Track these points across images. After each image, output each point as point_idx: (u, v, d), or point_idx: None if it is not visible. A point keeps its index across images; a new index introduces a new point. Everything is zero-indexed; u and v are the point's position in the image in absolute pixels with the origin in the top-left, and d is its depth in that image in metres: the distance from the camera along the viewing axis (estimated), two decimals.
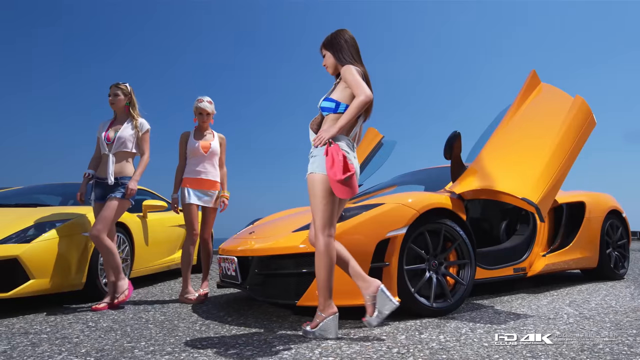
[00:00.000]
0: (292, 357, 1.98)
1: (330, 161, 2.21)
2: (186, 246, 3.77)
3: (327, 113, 2.43)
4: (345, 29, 2.56)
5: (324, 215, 2.29)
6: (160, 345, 2.22)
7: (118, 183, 3.45)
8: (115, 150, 3.47)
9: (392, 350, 2.06)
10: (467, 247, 3.06)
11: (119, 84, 3.61)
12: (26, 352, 2.12)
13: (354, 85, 2.32)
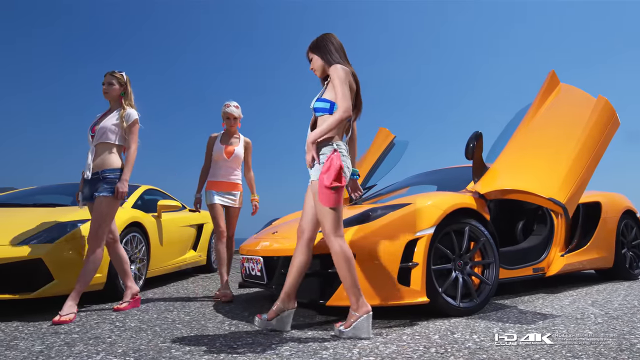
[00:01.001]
0: (332, 357, 1.98)
1: (327, 166, 2.29)
2: (216, 245, 3.86)
3: (321, 113, 2.43)
4: (332, 33, 2.60)
5: (333, 218, 2.32)
6: (195, 345, 2.22)
7: (100, 178, 3.12)
8: (96, 141, 3.16)
9: (430, 350, 2.07)
10: (491, 247, 3.06)
11: (114, 73, 3.31)
12: (63, 351, 2.11)
13: (338, 95, 2.35)
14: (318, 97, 2.48)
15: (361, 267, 2.62)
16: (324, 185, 2.27)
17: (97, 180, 3.13)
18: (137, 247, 4.16)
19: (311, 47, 2.57)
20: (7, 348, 2.19)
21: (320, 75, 2.59)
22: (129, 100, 3.33)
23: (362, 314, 2.30)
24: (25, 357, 2.02)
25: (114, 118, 3.22)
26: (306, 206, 2.54)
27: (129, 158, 3.23)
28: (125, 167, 3.20)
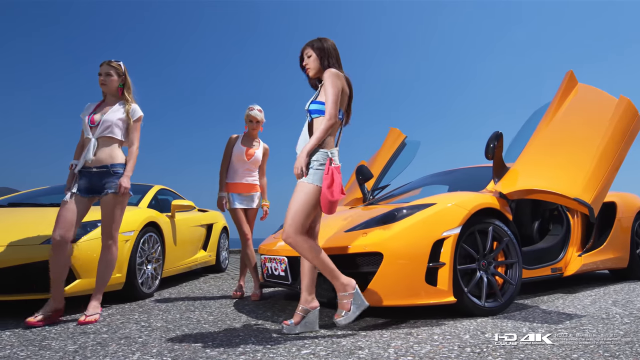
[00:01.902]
0: (369, 356, 1.98)
1: (330, 180, 2.30)
2: (243, 250, 3.97)
3: (317, 115, 2.44)
4: (329, 38, 2.61)
5: (305, 221, 2.35)
6: (228, 345, 2.21)
7: (110, 172, 2.99)
8: (99, 134, 2.98)
9: (465, 349, 2.07)
10: (514, 247, 3.07)
11: (111, 62, 3.09)
12: (98, 351, 2.11)
13: (329, 101, 2.36)
14: (313, 99, 2.49)
15: (388, 266, 2.62)
16: (329, 199, 2.29)
17: (106, 174, 2.98)
18: (154, 247, 4.16)
19: (314, 45, 2.54)
20: (40, 348, 2.19)
21: (313, 75, 2.57)
22: (130, 93, 3.17)
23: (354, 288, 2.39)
24: (62, 357, 2.02)
25: (120, 112, 3.07)
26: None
27: (133, 155, 3.11)
28: (128, 163, 3.09)
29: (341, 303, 2.37)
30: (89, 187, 2.96)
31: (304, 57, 2.59)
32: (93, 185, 2.97)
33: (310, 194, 2.33)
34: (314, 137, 2.34)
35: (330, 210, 2.33)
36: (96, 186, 2.97)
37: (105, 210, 2.99)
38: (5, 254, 2.94)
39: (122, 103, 3.11)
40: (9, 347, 2.20)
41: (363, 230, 2.81)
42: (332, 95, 2.37)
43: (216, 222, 6.58)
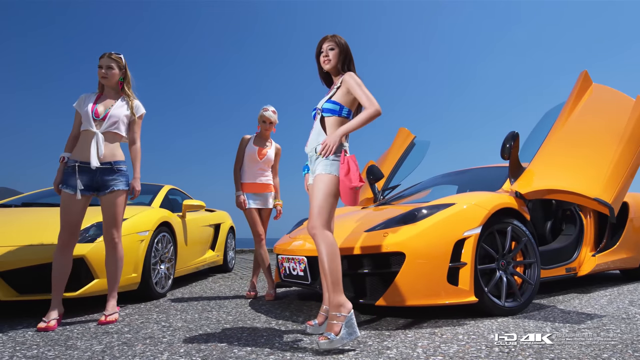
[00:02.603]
0: (399, 356, 1.98)
1: (346, 169, 2.28)
2: (257, 250, 3.97)
3: (329, 115, 2.42)
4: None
5: (331, 213, 2.31)
6: (254, 345, 2.21)
7: (113, 169, 2.90)
8: (105, 129, 2.87)
9: (494, 349, 2.07)
10: (532, 247, 3.08)
11: (112, 55, 2.98)
12: (125, 351, 2.10)
13: (364, 96, 2.35)
14: (327, 98, 2.46)
15: (411, 266, 2.62)
16: (349, 186, 2.27)
17: (109, 172, 2.88)
18: (166, 246, 4.15)
19: (336, 40, 2.52)
20: (67, 348, 2.18)
21: (330, 68, 2.53)
22: (130, 87, 3.07)
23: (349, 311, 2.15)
24: (90, 357, 2.01)
25: (124, 108, 2.98)
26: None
27: (138, 154, 3.04)
28: (135, 163, 3.02)
29: (330, 324, 2.11)
30: (89, 184, 2.85)
31: (323, 49, 2.57)
32: (94, 182, 2.86)
33: (329, 184, 2.30)
34: (354, 122, 2.31)
35: (353, 200, 2.29)
36: (97, 183, 2.87)
37: (108, 208, 2.89)
38: (22, 253, 2.93)
39: (124, 98, 3.02)
40: (35, 347, 2.19)
41: (383, 230, 2.81)
42: (363, 91, 2.36)
43: (223, 222, 6.58)
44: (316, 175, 2.36)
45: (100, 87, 3.06)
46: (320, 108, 2.47)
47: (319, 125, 2.46)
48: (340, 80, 2.47)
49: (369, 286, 2.77)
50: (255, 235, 3.95)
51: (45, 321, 2.63)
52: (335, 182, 2.31)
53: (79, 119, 2.94)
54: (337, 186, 2.32)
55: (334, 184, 2.31)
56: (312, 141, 2.48)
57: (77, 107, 2.95)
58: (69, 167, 2.84)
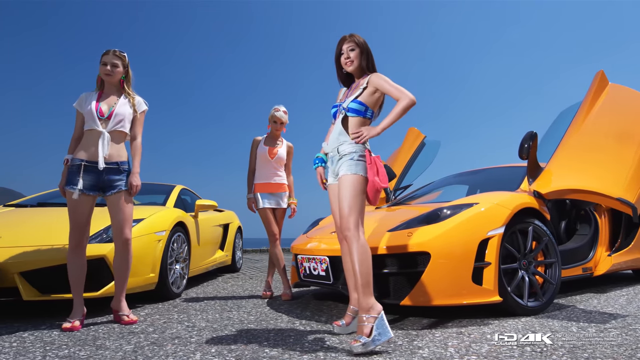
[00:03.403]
0: (433, 355, 1.98)
1: (375, 169, 2.30)
2: (272, 250, 3.96)
3: (354, 115, 2.41)
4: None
5: (361, 213, 2.30)
6: (284, 345, 2.21)
7: (120, 170, 2.85)
8: (111, 128, 2.82)
9: (525, 348, 2.07)
10: (553, 247, 3.09)
11: (116, 52, 2.91)
12: (157, 351, 2.10)
13: (395, 90, 2.36)
14: (353, 98, 2.43)
15: (436, 266, 2.62)
16: (378, 187, 2.29)
17: (115, 172, 2.83)
18: (181, 246, 4.15)
19: (357, 42, 2.50)
20: (98, 348, 2.17)
21: (353, 69, 2.52)
22: (130, 86, 3.01)
23: (379, 313, 2.14)
24: (123, 357, 2.01)
25: (127, 105, 2.92)
26: (337, 207, 2.51)
27: (138, 149, 2.96)
28: (135, 159, 2.93)
29: (360, 326, 2.10)
30: (94, 184, 2.79)
31: (343, 51, 2.56)
32: (99, 182, 2.80)
33: (357, 184, 2.30)
34: (392, 116, 2.32)
35: (376, 200, 2.33)
36: (102, 184, 2.80)
37: (115, 208, 2.83)
38: (42, 254, 2.92)
39: (126, 96, 2.96)
40: (65, 347, 2.19)
41: (407, 230, 2.81)
42: (393, 85, 2.37)
43: (232, 222, 6.58)
44: (341, 176, 2.35)
45: (99, 85, 2.98)
46: (345, 107, 2.45)
47: (341, 124, 2.44)
48: (366, 81, 2.46)
49: (392, 286, 2.77)
50: (270, 235, 3.95)
51: (70, 321, 2.63)
52: (362, 182, 2.31)
53: (81, 118, 2.87)
54: (363, 186, 2.32)
55: (361, 184, 2.31)
56: (333, 141, 2.45)
57: (78, 106, 2.88)
58: (74, 166, 2.77)
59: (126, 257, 2.89)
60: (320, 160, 2.60)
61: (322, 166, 2.60)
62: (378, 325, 2.09)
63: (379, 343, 2.06)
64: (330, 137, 2.49)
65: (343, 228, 2.29)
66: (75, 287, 2.76)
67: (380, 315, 2.12)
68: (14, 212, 3.73)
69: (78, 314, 2.71)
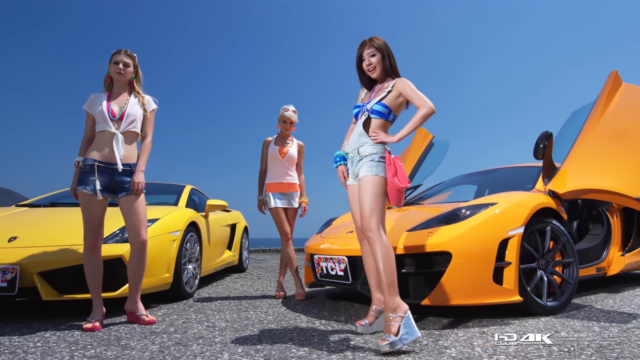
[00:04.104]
0: (461, 355, 1.98)
1: (394, 170, 2.31)
2: (284, 249, 3.95)
3: (377, 117, 2.42)
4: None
5: (383, 213, 2.31)
6: (309, 344, 2.21)
7: (132, 171, 2.84)
8: (124, 128, 2.81)
9: (552, 348, 2.07)
10: (571, 246, 3.09)
11: (127, 52, 2.91)
12: (183, 351, 2.09)
13: (417, 97, 2.37)
14: (378, 100, 2.44)
15: (457, 266, 2.62)
16: (398, 187, 2.30)
17: (129, 173, 2.82)
18: (194, 246, 4.14)
19: (377, 47, 2.49)
20: (123, 348, 2.17)
21: (378, 75, 2.53)
22: (140, 86, 2.99)
23: (405, 312, 2.15)
24: (151, 357, 2.00)
25: (137, 105, 2.90)
26: (356, 207, 2.51)
27: (147, 148, 2.92)
28: (141, 157, 2.88)
29: (388, 325, 2.11)
30: (107, 185, 2.77)
31: (364, 57, 2.56)
32: (111, 183, 2.78)
33: (377, 185, 2.31)
34: (412, 124, 2.35)
35: (398, 201, 2.33)
36: (114, 185, 2.79)
37: (129, 210, 2.80)
38: (60, 254, 2.91)
39: (135, 95, 2.94)
40: (90, 347, 2.18)
41: (427, 230, 2.81)
42: (417, 93, 2.38)
43: (238, 222, 6.57)
44: (362, 177, 2.36)
45: (107, 85, 2.94)
46: (369, 109, 2.45)
47: (362, 126, 2.45)
48: (391, 85, 2.46)
49: (412, 286, 2.77)
50: (282, 235, 3.94)
51: (91, 321, 2.62)
52: (383, 183, 2.32)
53: (91, 120, 2.86)
54: (384, 187, 2.32)
55: (382, 185, 2.31)
56: (354, 142, 2.45)
57: (88, 108, 2.87)
58: (86, 166, 2.75)
59: (142, 259, 2.87)
60: (341, 158, 2.60)
61: (343, 164, 2.60)
62: (405, 325, 2.10)
63: (406, 342, 2.06)
64: (351, 137, 2.50)
65: (365, 229, 2.29)
66: (93, 287, 2.76)
67: (407, 315, 2.13)
68: (28, 212, 3.72)
69: (98, 314, 2.71)
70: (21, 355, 2.04)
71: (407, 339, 2.07)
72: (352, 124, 2.61)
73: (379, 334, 2.40)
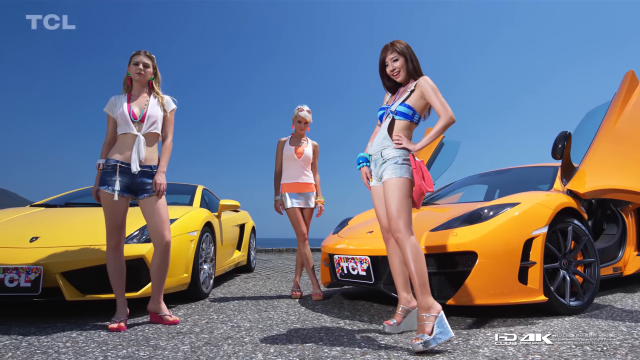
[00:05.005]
0: (496, 355, 1.98)
1: (421, 174, 2.32)
2: (300, 249, 3.95)
3: (401, 118, 2.42)
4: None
5: (410, 214, 2.31)
6: (340, 344, 2.20)
7: (153, 173, 2.85)
8: (145, 130, 2.81)
9: (584, 347, 2.08)
10: (592, 246, 3.10)
11: (147, 53, 2.92)
12: (216, 351, 2.08)
13: (438, 103, 2.36)
14: (402, 101, 2.44)
15: (482, 265, 2.62)
16: (424, 191, 2.31)
17: (150, 175, 2.82)
18: (209, 246, 4.13)
19: (399, 51, 2.49)
20: (155, 348, 2.16)
21: (402, 79, 2.52)
22: (159, 86, 2.99)
23: (439, 312, 2.15)
24: (185, 357, 1.99)
25: (157, 106, 2.90)
26: (380, 208, 2.53)
27: (168, 149, 2.93)
28: (162, 159, 2.89)
29: (421, 325, 2.11)
30: (128, 186, 2.77)
31: (387, 62, 2.55)
32: (132, 184, 2.78)
33: (403, 187, 2.31)
34: (432, 135, 2.35)
35: (419, 203, 2.36)
36: (135, 186, 2.79)
37: (150, 212, 2.79)
38: (83, 254, 2.90)
39: (155, 96, 2.94)
40: (121, 347, 2.17)
41: (451, 230, 2.81)
42: (438, 98, 2.37)
43: (247, 222, 6.56)
44: (386, 180, 2.36)
45: (126, 87, 2.95)
46: (393, 110, 2.45)
47: (387, 129, 2.45)
48: (414, 84, 2.46)
49: (436, 286, 2.77)
50: (298, 235, 3.94)
51: (116, 321, 2.61)
52: (408, 185, 2.32)
53: (112, 122, 2.87)
54: (409, 188, 2.33)
55: (407, 187, 2.32)
56: (378, 144, 2.46)
57: (109, 111, 2.87)
58: (109, 167, 2.76)
59: (165, 259, 2.86)
60: (364, 159, 2.60)
61: (367, 165, 2.60)
62: (439, 324, 2.10)
63: (440, 342, 2.06)
64: (375, 140, 2.51)
65: (393, 230, 2.29)
66: (117, 287, 2.75)
67: (441, 314, 2.13)
68: (45, 212, 3.71)
69: (122, 314, 2.70)
70: (54, 356, 2.03)
71: (441, 339, 2.06)
72: (376, 126, 2.62)
73: (407, 334, 2.40)
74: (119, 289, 2.75)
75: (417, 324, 2.17)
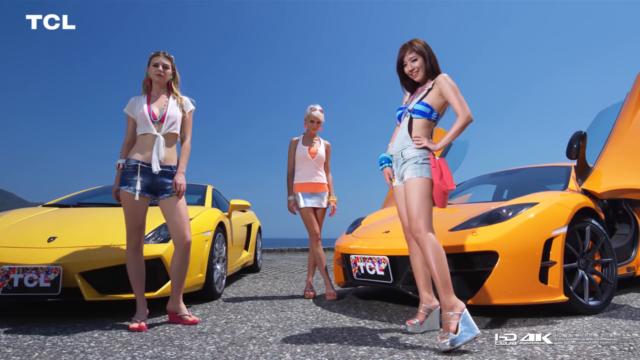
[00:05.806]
0: (525, 354, 1.98)
1: (440, 172, 2.30)
2: (312, 248, 3.95)
3: (419, 117, 2.42)
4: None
5: (430, 214, 2.30)
6: (364, 343, 2.20)
7: (173, 173, 2.86)
8: (165, 131, 2.82)
9: (611, 347, 2.08)
10: (609, 246, 3.10)
11: (165, 53, 2.92)
12: (243, 352, 2.08)
13: (457, 102, 2.35)
14: (419, 99, 2.44)
15: (503, 265, 2.62)
16: (444, 189, 2.30)
17: (170, 175, 2.83)
18: (222, 246, 4.12)
19: (418, 51, 2.48)
20: (181, 348, 2.15)
21: (421, 78, 2.52)
22: (178, 87, 3.00)
23: (463, 310, 2.14)
24: (213, 357, 1.99)
25: (176, 107, 2.91)
26: (403, 208, 2.53)
27: (187, 149, 2.94)
28: (182, 159, 2.90)
29: (445, 324, 2.12)
30: (149, 186, 2.78)
31: (405, 62, 2.54)
32: (153, 185, 2.79)
33: (423, 186, 2.31)
34: (450, 135, 2.34)
35: (443, 203, 2.33)
36: (155, 186, 2.79)
37: (171, 211, 2.79)
38: (102, 254, 2.89)
39: (174, 97, 2.95)
40: (146, 347, 2.17)
41: (471, 230, 2.81)
42: (457, 97, 2.36)
43: (254, 222, 6.55)
44: (407, 180, 2.36)
45: (146, 88, 2.95)
46: (411, 109, 2.45)
47: (406, 128, 2.44)
48: (432, 82, 2.45)
49: (455, 285, 2.76)
50: (311, 235, 3.94)
51: (137, 321, 2.60)
52: (428, 184, 2.32)
53: (132, 123, 2.87)
54: (430, 188, 2.33)
55: (428, 186, 2.32)
56: (398, 144, 2.47)
57: (129, 112, 2.88)
58: (129, 167, 2.76)
59: (186, 259, 2.85)
60: (387, 160, 2.60)
61: (389, 166, 2.59)
62: (463, 322, 2.09)
63: (466, 340, 2.05)
64: (395, 140, 2.51)
65: (413, 230, 2.29)
66: (137, 287, 2.74)
67: (465, 312, 2.12)
68: (60, 212, 3.70)
69: (142, 314, 2.69)
70: (81, 356, 2.02)
71: (467, 337, 2.06)
72: (396, 126, 2.62)
73: (431, 333, 2.40)
74: (138, 289, 2.75)
75: (440, 323, 2.17)
